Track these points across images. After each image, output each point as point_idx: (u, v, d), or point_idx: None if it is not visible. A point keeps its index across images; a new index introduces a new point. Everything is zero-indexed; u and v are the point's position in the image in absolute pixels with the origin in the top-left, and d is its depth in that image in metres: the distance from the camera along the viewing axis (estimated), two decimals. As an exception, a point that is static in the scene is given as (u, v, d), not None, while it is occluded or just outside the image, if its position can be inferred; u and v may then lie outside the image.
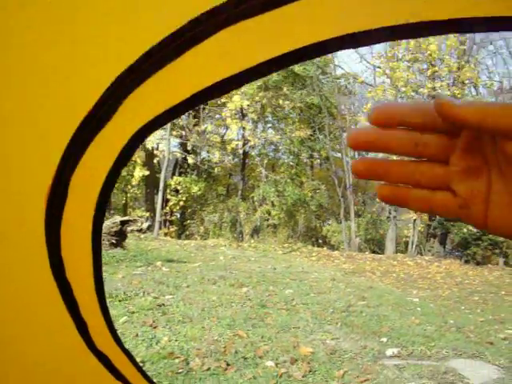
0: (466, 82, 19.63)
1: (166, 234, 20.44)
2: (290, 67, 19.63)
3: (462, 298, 11.79)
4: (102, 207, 1.08)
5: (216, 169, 21.48)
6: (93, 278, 1.35)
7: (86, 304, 1.43)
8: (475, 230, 18.81)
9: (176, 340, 5.13)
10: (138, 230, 11.67)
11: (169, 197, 21.75)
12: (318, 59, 20.90)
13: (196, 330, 5.41)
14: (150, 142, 22.93)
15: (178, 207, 21.92)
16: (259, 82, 19.44)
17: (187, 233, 22.47)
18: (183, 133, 20.96)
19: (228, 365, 4.53)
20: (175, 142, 22.91)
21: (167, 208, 21.71)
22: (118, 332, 2.26)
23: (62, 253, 1.16)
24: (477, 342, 5.87)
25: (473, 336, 6.17)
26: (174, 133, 20.80)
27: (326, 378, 4.40)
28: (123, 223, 10.68)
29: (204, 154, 24.66)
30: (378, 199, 0.51)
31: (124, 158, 0.89)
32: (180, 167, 22.91)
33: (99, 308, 1.49)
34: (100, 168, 0.97)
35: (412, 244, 19.76)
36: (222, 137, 23.06)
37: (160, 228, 20.15)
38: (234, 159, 24.53)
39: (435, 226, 20.28)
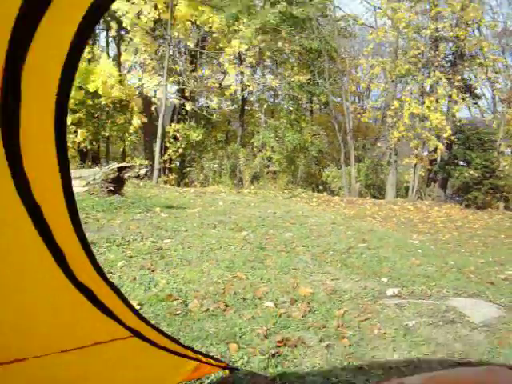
0: (470, 22, 19.08)
1: (165, 182, 20.35)
2: (288, 10, 19.06)
3: (462, 241, 11.80)
4: (63, 108, 0.94)
5: (215, 115, 21.18)
6: (63, 197, 1.22)
7: (59, 228, 1.31)
8: (476, 175, 18.72)
9: (174, 283, 5.08)
10: (135, 177, 11.56)
11: (167, 144, 21.55)
12: (316, 0, 20.30)
13: (194, 273, 5.36)
14: (147, 88, 22.60)
15: (177, 155, 21.75)
16: (257, 25, 18.94)
17: (187, 180, 22.40)
18: (180, 79, 20.58)
19: (227, 306, 4.49)
20: (173, 88, 22.58)
21: (166, 156, 21.55)
22: (116, 276, 2.13)
23: (25, 170, 1.01)
24: (477, 282, 5.84)
25: (473, 276, 6.14)
26: (171, 79, 20.42)
27: (326, 317, 4.36)
28: (120, 170, 10.55)
29: (202, 101, 24.32)
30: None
31: (76, 49, 0.77)
32: (178, 114, 22.63)
33: (74, 233, 1.37)
34: (52, 62, 0.82)
35: (412, 189, 19.69)
36: (220, 83, 22.67)
37: (159, 176, 20.05)
38: (232, 105, 24.22)
39: (436, 171, 20.18)
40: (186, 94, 20.88)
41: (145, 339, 2.28)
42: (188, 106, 20.34)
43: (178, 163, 23.18)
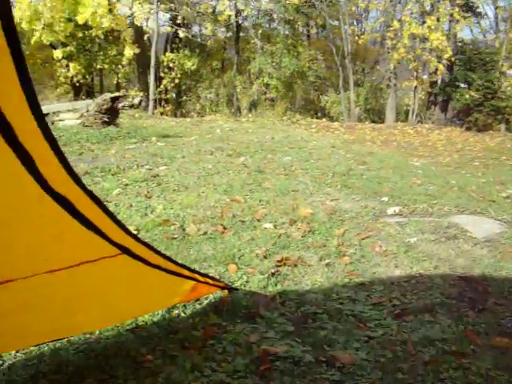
0: None
1: (161, 114, 20.03)
2: None
3: (463, 163, 11.70)
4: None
5: (209, 42, 20.57)
6: (19, 84, 1.07)
7: (23, 130, 1.16)
8: (477, 96, 18.38)
9: (171, 208, 4.99)
10: (130, 106, 11.30)
11: (162, 75, 21.07)
12: None
13: (192, 198, 5.26)
14: (139, 17, 21.83)
15: (172, 85, 21.31)
16: None
17: (183, 111, 22.06)
18: (172, 6, 19.84)
19: (225, 228, 4.41)
20: (165, 16, 21.79)
21: (161, 86, 21.11)
22: (112, 204, 1.99)
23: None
24: (479, 200, 5.76)
25: (475, 195, 6.05)
26: (163, 6, 19.69)
27: (327, 237, 4.29)
28: (114, 100, 10.28)
29: (196, 29, 23.59)
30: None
31: None
32: (172, 43, 21.97)
33: (40, 132, 1.22)
34: None
35: (412, 112, 19.39)
36: (214, 9, 21.85)
37: (155, 107, 19.72)
38: (227, 32, 23.51)
39: (436, 93, 19.80)
40: (179, 22, 20.18)
41: (135, 257, 2.17)
42: (181, 34, 19.69)
43: (174, 94, 22.74)
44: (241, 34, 22.90)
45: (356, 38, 20.53)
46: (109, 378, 2.42)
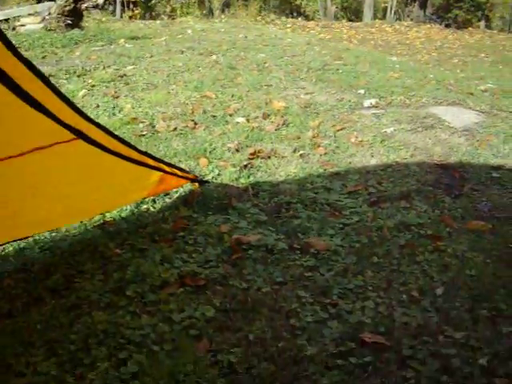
0: None
1: (130, 18, 19.06)
2: None
3: (442, 61, 11.44)
4: None
5: None
6: None
7: None
8: (457, -9, 17.80)
9: (140, 106, 4.78)
10: (94, 7, 10.70)
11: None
12: None
13: (161, 96, 5.03)
14: None
15: (141, -15, 20.16)
16: None
17: (153, 13, 21.05)
18: None
19: (196, 124, 4.23)
20: None
21: (129, -13, 19.96)
22: (78, 105, 1.75)
23: None
24: (457, 92, 5.60)
25: (453, 88, 5.89)
26: None
27: (301, 129, 4.14)
28: (76, 1, 9.65)
29: None
30: None
31: None
32: None
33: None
34: None
35: (391, 9, 18.76)
36: None
37: (123, 11, 18.73)
38: None
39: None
40: None
41: (92, 142, 2.00)
42: None
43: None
44: None
45: None
46: (76, 273, 2.34)
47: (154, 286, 2.19)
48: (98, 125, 1.99)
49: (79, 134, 1.92)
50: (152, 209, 2.94)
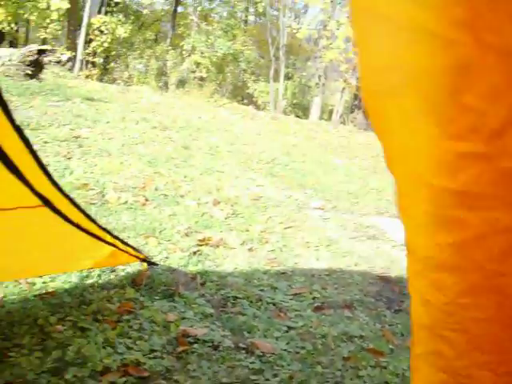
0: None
1: (87, 77, 19.11)
2: None
3: (379, 168, 12.01)
4: None
5: (145, 12, 19.85)
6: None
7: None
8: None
9: (91, 172, 4.73)
10: (57, 62, 10.67)
11: (92, 37, 20.11)
12: None
13: (114, 165, 5.01)
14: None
15: (101, 49, 20.40)
16: None
17: (110, 77, 21.21)
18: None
19: (147, 200, 4.22)
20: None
21: (90, 49, 20.15)
22: None
23: None
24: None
25: (393, 200, 6.18)
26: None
27: (250, 222, 4.20)
28: (40, 53, 9.66)
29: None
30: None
31: None
32: (107, 5, 21.00)
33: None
34: None
35: (337, 113, 19.73)
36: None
37: (81, 69, 18.81)
38: (165, 6, 22.87)
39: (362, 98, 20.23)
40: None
41: (56, 211, 1.98)
42: (117, -3, 18.89)
43: (101, 59, 21.78)
44: (179, 9, 22.34)
45: (293, 31, 20.53)
46: (12, 346, 2.21)
47: (94, 371, 2.09)
48: (65, 194, 1.98)
49: (46, 202, 1.91)
50: (97, 285, 2.85)
